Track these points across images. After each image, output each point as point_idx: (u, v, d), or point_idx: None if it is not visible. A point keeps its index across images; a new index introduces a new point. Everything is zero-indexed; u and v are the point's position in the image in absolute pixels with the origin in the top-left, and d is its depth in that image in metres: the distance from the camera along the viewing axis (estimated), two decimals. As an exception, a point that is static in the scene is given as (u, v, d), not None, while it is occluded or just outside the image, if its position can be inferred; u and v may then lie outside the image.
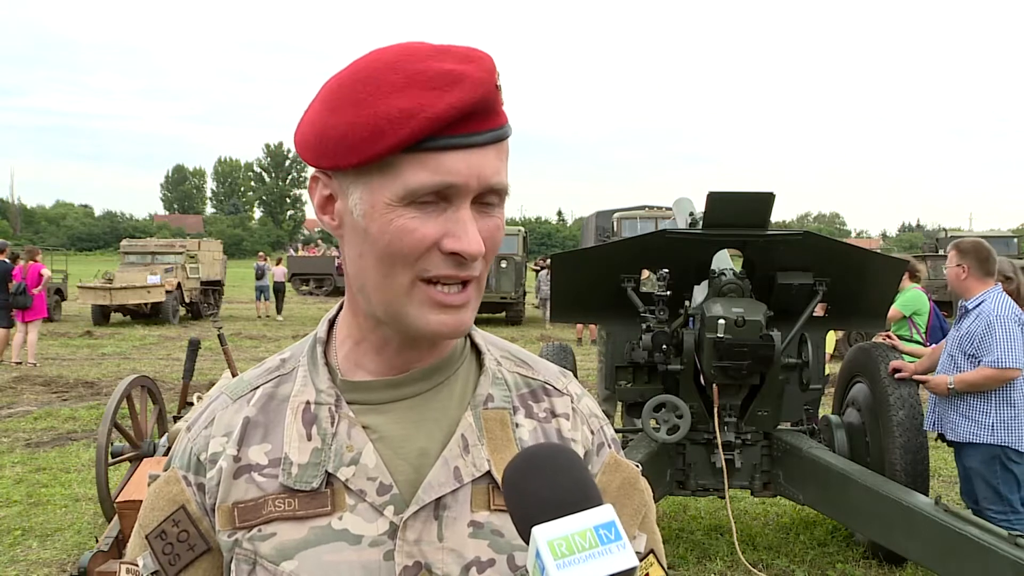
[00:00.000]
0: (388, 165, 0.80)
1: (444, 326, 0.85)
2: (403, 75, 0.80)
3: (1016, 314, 4.21)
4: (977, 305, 4.31)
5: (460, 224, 0.81)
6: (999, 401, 4.20)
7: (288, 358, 0.97)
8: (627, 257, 4.99)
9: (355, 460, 0.87)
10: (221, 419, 0.93)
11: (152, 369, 11.95)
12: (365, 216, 0.83)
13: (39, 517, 5.75)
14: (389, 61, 0.82)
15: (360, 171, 0.82)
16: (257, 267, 22.70)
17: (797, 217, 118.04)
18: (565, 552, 0.68)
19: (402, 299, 0.84)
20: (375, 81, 0.80)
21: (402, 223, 0.81)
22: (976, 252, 4.36)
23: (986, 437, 4.22)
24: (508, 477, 0.77)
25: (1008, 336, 4.14)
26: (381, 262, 0.83)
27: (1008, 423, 4.18)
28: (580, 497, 0.73)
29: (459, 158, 0.80)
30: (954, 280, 4.42)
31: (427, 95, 0.78)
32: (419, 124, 0.78)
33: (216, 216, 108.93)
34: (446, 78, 0.79)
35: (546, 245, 74.07)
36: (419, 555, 0.86)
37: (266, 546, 0.86)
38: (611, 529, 0.70)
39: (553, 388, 1.00)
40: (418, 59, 0.81)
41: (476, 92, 0.79)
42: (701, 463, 4.89)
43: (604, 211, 17.06)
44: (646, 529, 1.01)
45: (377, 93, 0.80)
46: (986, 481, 4.29)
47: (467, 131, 0.80)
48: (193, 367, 5.47)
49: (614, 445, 1.02)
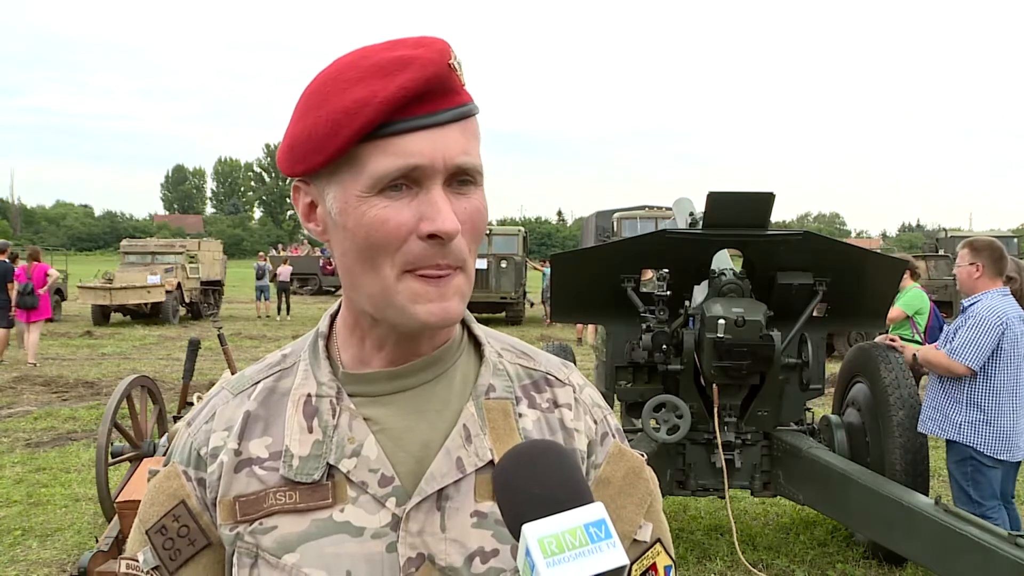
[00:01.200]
0: (353, 158, 0.82)
1: (431, 315, 0.84)
2: (357, 70, 0.82)
3: (1006, 316, 4.20)
4: (972, 304, 4.33)
5: (432, 206, 0.81)
6: (967, 401, 4.26)
7: (289, 353, 0.97)
8: (627, 257, 4.98)
9: (356, 452, 0.87)
10: (222, 414, 0.93)
11: (152, 369, 11.95)
12: (341, 213, 0.84)
13: (39, 517, 5.74)
14: (348, 62, 0.84)
15: (330, 170, 0.84)
16: (257, 267, 22.66)
17: (797, 217, 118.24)
18: (555, 550, 0.68)
19: (389, 293, 0.84)
20: (333, 81, 0.83)
21: (375, 213, 0.81)
22: (990, 251, 4.36)
23: (953, 434, 4.30)
24: (498, 474, 0.76)
25: (976, 336, 4.20)
26: (363, 256, 0.84)
27: (975, 425, 4.24)
28: (570, 495, 0.72)
29: (421, 138, 0.81)
30: (966, 278, 4.38)
31: (378, 82, 0.80)
32: (372, 110, 0.79)
33: (216, 216, 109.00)
34: (396, 63, 0.81)
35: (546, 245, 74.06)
36: (422, 546, 0.85)
37: (268, 539, 0.86)
38: (601, 527, 0.70)
39: (555, 378, 0.99)
40: (372, 53, 0.83)
41: (426, 71, 0.80)
42: (701, 463, 4.89)
43: (604, 211, 17.05)
44: (652, 518, 1.00)
45: (335, 91, 0.82)
46: (958, 483, 4.36)
47: (425, 112, 0.81)
48: (193, 367, 5.46)
49: (618, 435, 1.02)
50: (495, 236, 19.84)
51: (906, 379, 4.86)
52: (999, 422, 4.19)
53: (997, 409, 4.20)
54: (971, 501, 4.24)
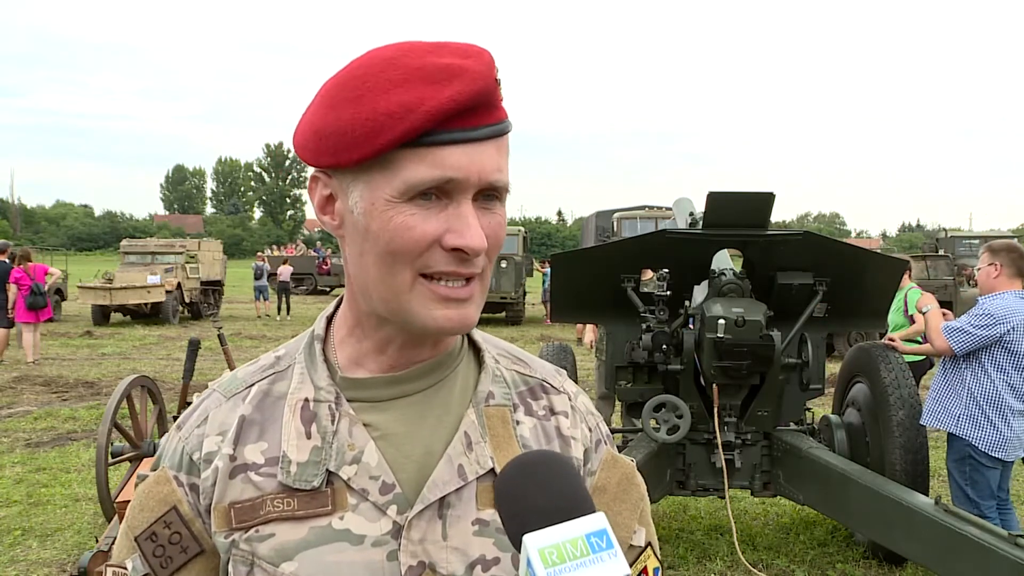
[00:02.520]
0: (388, 161, 0.80)
1: (449, 321, 0.84)
2: (402, 71, 0.79)
3: (1016, 317, 4.20)
4: (988, 299, 4.35)
5: (462, 219, 0.80)
6: (968, 395, 4.29)
7: (283, 355, 0.96)
8: (627, 257, 4.98)
9: (357, 459, 0.86)
10: (215, 417, 0.91)
11: (152, 369, 11.95)
12: (365, 214, 0.82)
13: (39, 517, 5.74)
14: (387, 58, 0.81)
15: (360, 168, 0.82)
16: (256, 267, 22.68)
17: (797, 217, 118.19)
18: (556, 560, 0.67)
19: (405, 296, 0.83)
20: (374, 78, 0.80)
21: (402, 220, 0.80)
22: (1009, 251, 4.40)
23: (952, 426, 4.33)
24: (500, 484, 0.76)
25: (974, 325, 4.25)
26: (382, 260, 0.82)
27: (974, 419, 4.26)
28: (572, 505, 0.72)
29: (459, 152, 0.79)
30: (985, 279, 4.43)
31: (426, 89, 0.78)
32: (418, 118, 0.77)
33: (216, 216, 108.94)
34: (445, 72, 0.79)
35: (546, 245, 74.06)
36: (423, 554, 0.85)
37: (264, 547, 0.85)
38: (603, 537, 0.69)
39: (551, 386, 0.99)
40: (416, 55, 0.81)
41: (475, 85, 0.79)
42: (701, 463, 4.89)
43: (604, 211, 17.08)
44: (644, 523, 1.01)
45: (376, 89, 0.79)
46: (957, 481, 4.37)
47: (467, 125, 0.79)
48: (193, 367, 5.46)
49: (609, 442, 1.03)
50: (495, 236, 19.81)
51: (906, 379, 4.86)
52: (997, 419, 4.20)
53: (996, 406, 4.21)
54: (969, 500, 4.25)
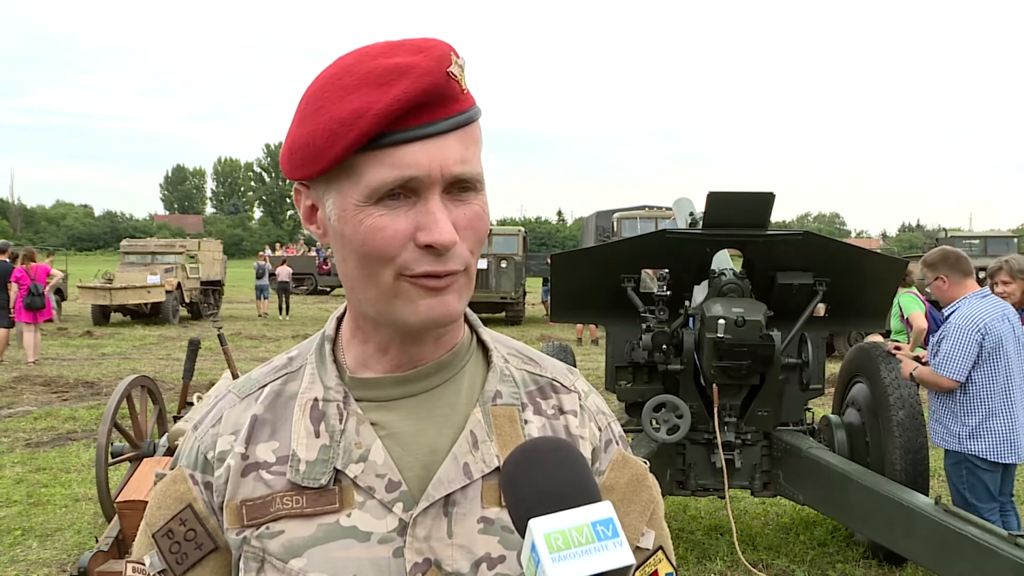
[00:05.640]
0: (350, 167, 0.82)
1: (431, 310, 0.84)
2: (355, 76, 0.81)
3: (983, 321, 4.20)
4: (951, 313, 4.37)
5: (430, 216, 0.81)
6: (961, 410, 4.27)
7: (295, 356, 0.97)
8: (627, 257, 4.98)
9: (364, 457, 0.88)
10: (228, 417, 0.93)
11: (152, 369, 11.95)
12: (339, 220, 0.84)
13: (39, 517, 5.74)
14: (346, 65, 0.83)
15: (328, 177, 0.84)
16: (257, 267, 22.68)
17: (797, 217, 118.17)
18: (561, 546, 0.67)
19: (387, 296, 0.85)
20: (332, 87, 0.82)
21: (371, 222, 0.82)
22: (944, 259, 4.42)
23: (953, 444, 4.32)
24: (507, 469, 0.76)
25: (954, 347, 4.22)
26: (361, 263, 0.84)
27: (972, 431, 4.23)
28: (579, 492, 0.72)
29: (417, 150, 0.80)
30: (940, 294, 4.48)
31: (373, 92, 0.79)
32: (367, 123, 0.79)
33: (216, 216, 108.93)
34: (393, 72, 0.80)
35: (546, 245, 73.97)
36: (429, 552, 0.86)
37: (274, 544, 0.86)
38: (609, 526, 0.70)
39: (561, 385, 1.00)
40: (370, 58, 0.82)
41: (422, 82, 0.79)
42: (701, 463, 4.89)
43: (604, 211, 17.10)
44: (655, 526, 1.01)
45: (332, 98, 0.81)
46: (955, 486, 4.36)
47: (422, 122, 0.80)
48: (193, 367, 5.47)
49: (621, 442, 1.02)
50: (495, 236, 19.83)
51: (906, 379, 4.85)
52: (995, 426, 4.19)
53: (991, 413, 4.19)
54: (967, 504, 4.24)
